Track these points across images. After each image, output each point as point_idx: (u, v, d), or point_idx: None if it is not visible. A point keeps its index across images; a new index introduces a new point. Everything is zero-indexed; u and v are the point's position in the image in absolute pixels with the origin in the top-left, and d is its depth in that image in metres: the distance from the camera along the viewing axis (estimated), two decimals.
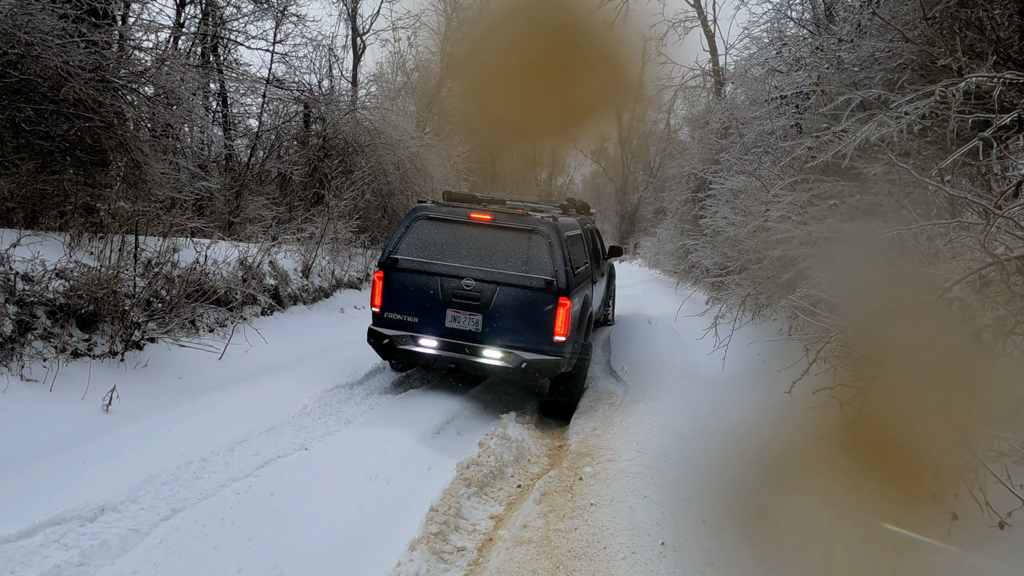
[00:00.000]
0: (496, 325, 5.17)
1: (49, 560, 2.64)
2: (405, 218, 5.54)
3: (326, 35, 19.67)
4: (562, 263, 5.13)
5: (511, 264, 5.19)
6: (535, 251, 5.19)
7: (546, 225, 5.26)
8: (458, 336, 5.25)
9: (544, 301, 5.10)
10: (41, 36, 5.51)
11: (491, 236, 5.29)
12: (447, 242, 5.34)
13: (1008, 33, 3.83)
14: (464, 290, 5.20)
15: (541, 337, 5.13)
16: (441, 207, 5.53)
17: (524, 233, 5.26)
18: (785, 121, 5.79)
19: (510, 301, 5.13)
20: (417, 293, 5.31)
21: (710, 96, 15.87)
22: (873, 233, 3.55)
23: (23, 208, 5.72)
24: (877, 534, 1.90)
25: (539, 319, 5.10)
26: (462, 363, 5.26)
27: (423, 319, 5.31)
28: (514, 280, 5.14)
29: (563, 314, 5.07)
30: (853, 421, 2.21)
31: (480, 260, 5.24)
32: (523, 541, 3.13)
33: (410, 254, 5.39)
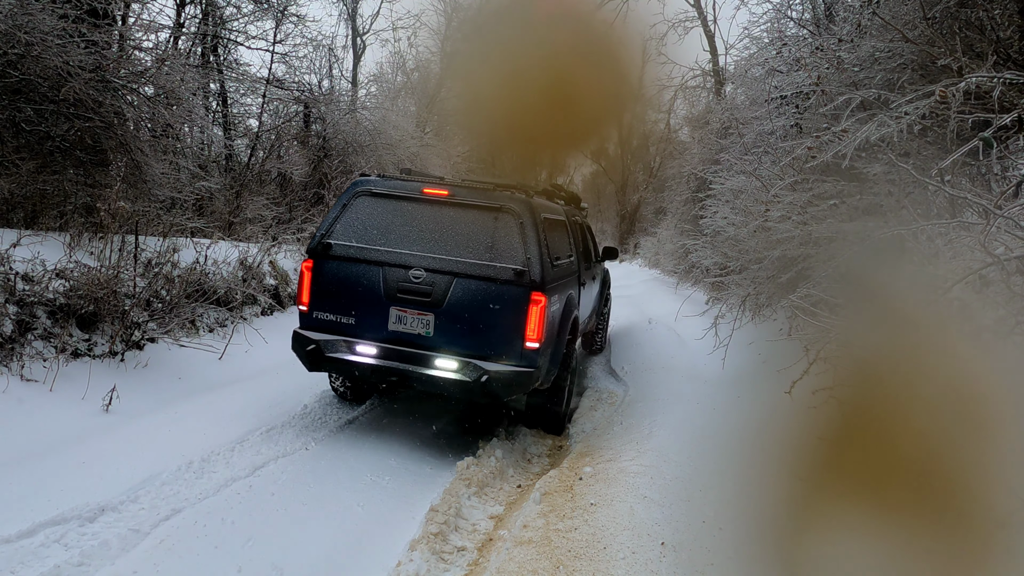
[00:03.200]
0: (452, 328, 4.15)
1: (49, 560, 2.64)
2: (343, 194, 4.50)
3: (326, 35, 19.70)
4: (537, 250, 4.11)
5: (472, 251, 4.16)
6: (503, 234, 4.17)
7: (518, 203, 4.23)
8: (404, 341, 4.21)
9: (513, 297, 4.07)
10: (41, 36, 5.51)
11: (448, 216, 4.26)
12: (393, 224, 4.31)
13: (1008, 33, 3.83)
14: (412, 283, 4.17)
15: (508, 343, 4.10)
16: (388, 180, 4.51)
17: (490, 212, 4.23)
18: (785, 121, 5.79)
19: (470, 297, 4.10)
20: (354, 287, 4.27)
21: (710, 96, 15.87)
22: (873, 233, 3.55)
23: (23, 208, 5.72)
24: (877, 534, 1.90)
25: (506, 320, 4.09)
26: (408, 376, 4.15)
27: (361, 320, 4.27)
28: (475, 270, 4.11)
29: (536, 314, 4.07)
30: (853, 420, 2.21)
31: (434, 246, 4.21)
32: (523, 541, 3.13)
33: (347, 239, 4.33)
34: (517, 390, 4.16)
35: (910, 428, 1.91)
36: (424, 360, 4.17)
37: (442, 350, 4.16)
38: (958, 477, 1.80)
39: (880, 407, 2.03)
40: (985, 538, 1.75)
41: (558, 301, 4.55)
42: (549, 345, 4.35)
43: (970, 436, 1.82)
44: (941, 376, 1.96)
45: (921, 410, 1.91)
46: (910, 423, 1.92)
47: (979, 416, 1.85)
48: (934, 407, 1.90)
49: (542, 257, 4.16)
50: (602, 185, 37.21)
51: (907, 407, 1.94)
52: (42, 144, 5.88)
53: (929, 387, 1.94)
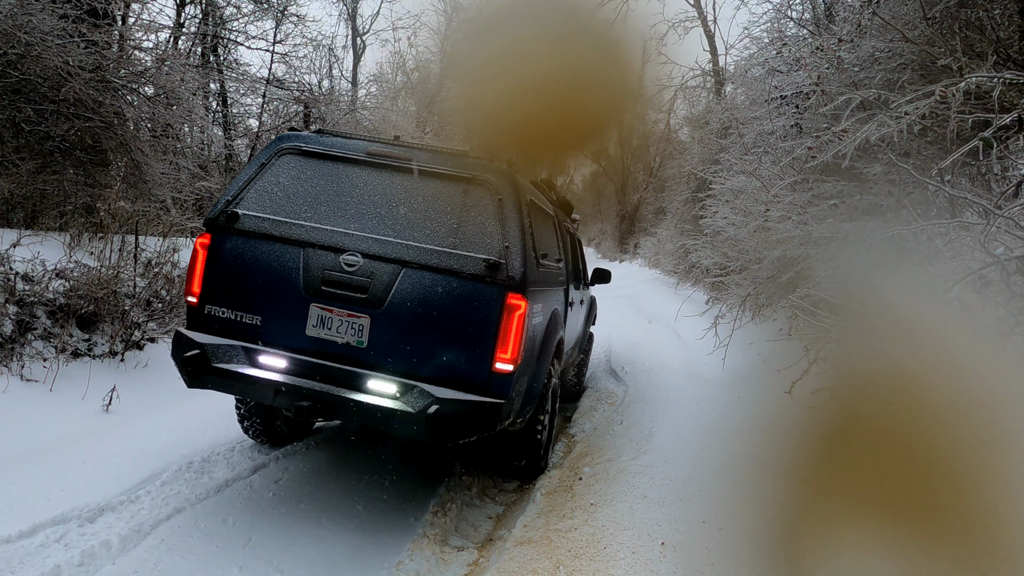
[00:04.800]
0: (394, 337, 3.06)
1: (49, 560, 2.64)
2: (263, 151, 3.44)
3: (326, 35, 19.71)
4: (519, 238, 3.11)
5: (431, 233, 3.12)
6: (475, 214, 3.16)
7: (497, 174, 3.23)
8: (326, 353, 3.10)
9: (481, 299, 3.03)
10: (41, 36, 5.51)
11: (402, 187, 3.24)
12: (326, 193, 3.27)
13: (1008, 33, 3.83)
14: (344, 272, 3.08)
15: (471, 362, 3.04)
16: (324, 137, 3.44)
17: (458, 184, 3.21)
18: (785, 121, 5.79)
19: (422, 296, 3.03)
20: (263, 275, 3.16)
21: (710, 96, 15.88)
22: (873, 233, 3.56)
23: (23, 208, 5.72)
24: (878, 535, 1.90)
25: (470, 330, 3.04)
26: (327, 402, 3.01)
27: (269, 320, 3.17)
28: (433, 259, 3.05)
29: (513, 324, 3.01)
30: (853, 421, 2.22)
31: (378, 224, 3.16)
32: (523, 541, 3.13)
33: (261, 208, 3.24)
34: (478, 429, 3.01)
35: (910, 429, 1.91)
36: (352, 380, 3.04)
37: (379, 367, 3.06)
38: (958, 477, 1.80)
39: (880, 407, 2.04)
40: (987, 539, 1.76)
41: (541, 312, 3.51)
42: (527, 370, 3.30)
43: (970, 436, 1.83)
44: (941, 376, 1.97)
45: (921, 411, 1.91)
46: (910, 424, 1.92)
47: (979, 416, 1.85)
48: (934, 407, 1.90)
49: (525, 249, 3.12)
50: (602, 185, 37.21)
51: (907, 407, 1.94)
52: (42, 144, 5.88)
53: (929, 387, 1.94)
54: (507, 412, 3.10)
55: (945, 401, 1.92)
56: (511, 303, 3.03)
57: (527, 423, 3.63)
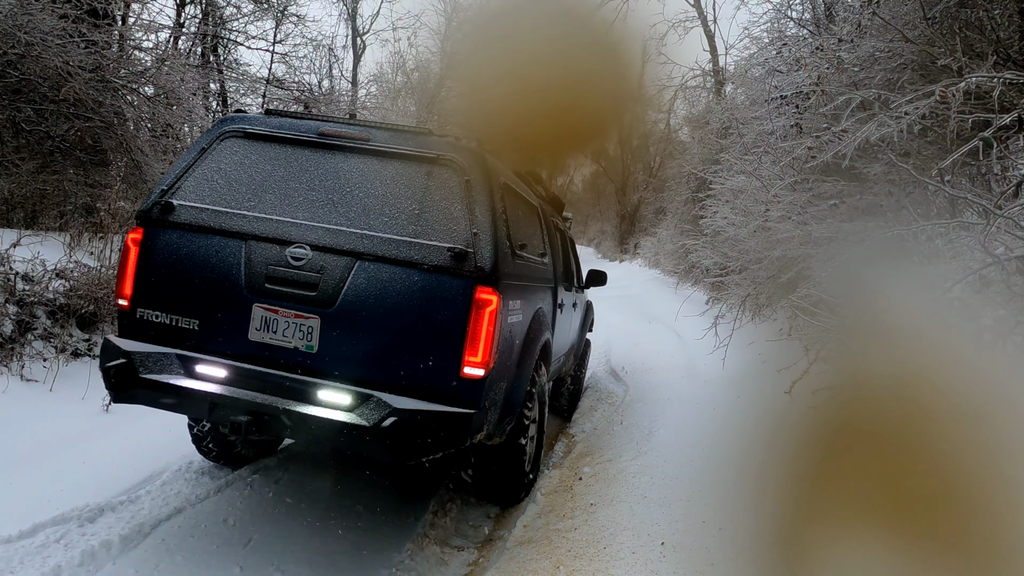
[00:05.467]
0: (348, 339, 2.73)
1: (50, 560, 2.64)
2: (204, 135, 3.15)
3: (326, 35, 19.71)
4: (490, 224, 2.78)
5: (389, 221, 2.79)
6: (439, 198, 2.84)
7: (464, 154, 2.90)
8: (272, 360, 2.76)
9: (446, 293, 2.70)
10: (41, 36, 5.51)
11: (358, 170, 2.93)
12: (273, 180, 2.95)
13: (1008, 33, 3.83)
14: (290, 267, 2.76)
15: (435, 366, 2.70)
16: (271, 118, 3.13)
17: (421, 165, 2.89)
18: (785, 121, 5.79)
19: (379, 292, 2.71)
20: (201, 272, 2.84)
21: (710, 96, 15.88)
22: (873, 233, 3.56)
23: (23, 208, 5.72)
24: (878, 535, 1.90)
25: (434, 329, 2.70)
26: (269, 416, 2.66)
27: (208, 324, 2.84)
28: (390, 250, 2.72)
29: (484, 321, 2.69)
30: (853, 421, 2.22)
31: (329, 212, 2.84)
32: (523, 541, 3.13)
33: (199, 198, 2.92)
34: (444, 444, 2.63)
35: (910, 428, 1.91)
36: (300, 390, 2.69)
37: (331, 375, 2.72)
38: (958, 477, 1.80)
39: (880, 407, 2.04)
40: (987, 539, 1.76)
41: (521, 310, 3.15)
42: (504, 376, 2.96)
43: (970, 436, 1.83)
44: (941, 376, 1.97)
45: (921, 410, 1.91)
46: (910, 423, 1.92)
47: (979, 416, 1.85)
48: (934, 407, 1.90)
49: (497, 236, 2.78)
50: (602, 185, 37.20)
51: (907, 407, 1.94)
52: (42, 144, 5.88)
53: (929, 387, 1.94)
54: (479, 424, 2.71)
55: (945, 401, 1.92)
56: (480, 298, 2.67)
57: (507, 438, 3.21)
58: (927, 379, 1.98)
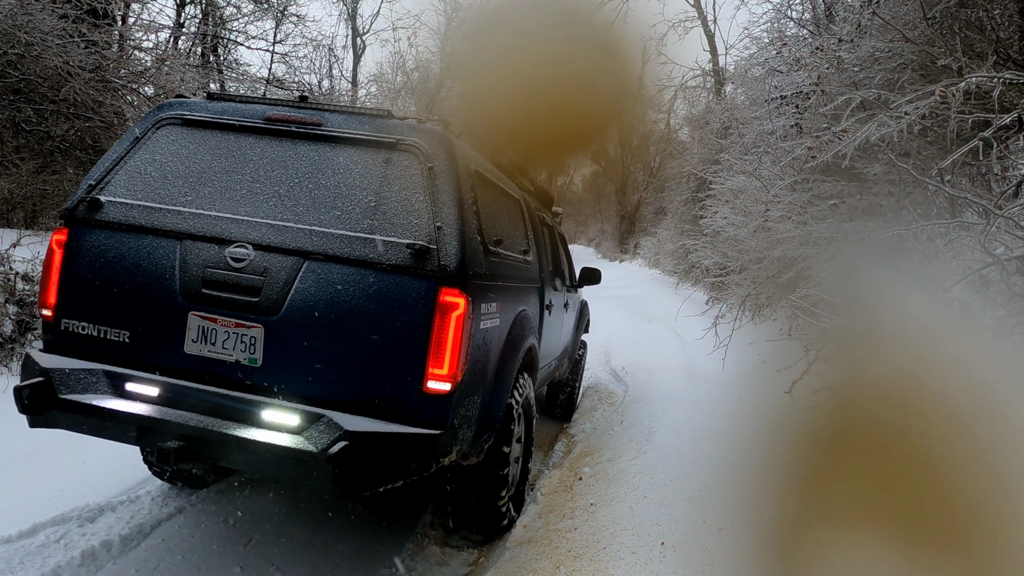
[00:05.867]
0: (296, 350, 2.41)
1: (50, 560, 2.64)
2: (139, 123, 2.81)
3: (326, 35, 19.73)
4: (455, 217, 2.47)
5: (341, 215, 2.49)
6: (398, 189, 2.52)
7: (428, 137, 2.59)
8: (210, 375, 2.46)
9: (405, 296, 2.39)
10: (41, 36, 5.51)
11: (309, 159, 2.62)
12: (214, 172, 2.64)
13: (1008, 33, 3.84)
14: (230, 269, 2.46)
15: (394, 380, 2.38)
16: (213, 103, 2.81)
17: (379, 151, 2.58)
18: (785, 121, 5.80)
19: (329, 295, 2.41)
20: (131, 277, 2.53)
21: (710, 96, 15.89)
22: (873, 233, 3.56)
23: (23, 208, 5.73)
24: (878, 535, 1.91)
25: (391, 338, 2.38)
26: (203, 442, 2.33)
27: (139, 335, 2.52)
28: (342, 248, 2.43)
29: (451, 328, 2.38)
30: (853, 421, 2.22)
31: (274, 207, 2.53)
32: (523, 541, 3.13)
33: (131, 194, 2.61)
34: (406, 470, 2.33)
35: (910, 428, 1.92)
36: (241, 410, 2.37)
37: (277, 392, 2.41)
38: (958, 477, 1.80)
39: (880, 407, 2.04)
40: (987, 538, 1.76)
41: (498, 313, 2.84)
42: (478, 388, 2.65)
43: (970, 435, 1.83)
44: (941, 376, 1.97)
45: (921, 410, 1.91)
46: (910, 423, 1.92)
47: (979, 416, 1.85)
48: (934, 407, 1.90)
49: (465, 231, 2.47)
50: (602, 185, 37.23)
51: (907, 407, 1.94)
52: (42, 144, 5.89)
53: (929, 387, 1.94)
54: (447, 445, 2.41)
55: (945, 401, 1.92)
56: (445, 301, 2.36)
57: (487, 456, 2.88)
58: (927, 379, 1.99)
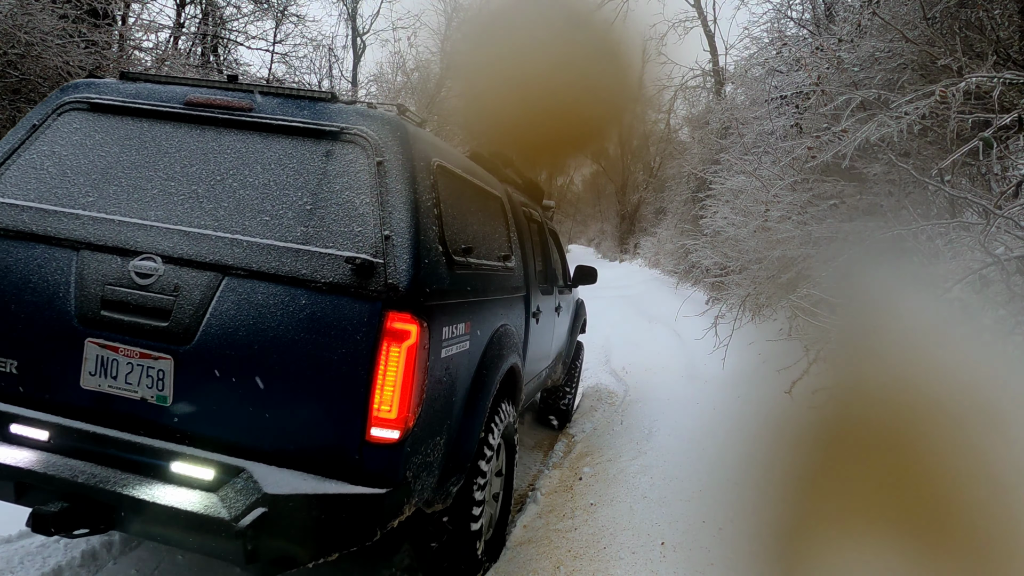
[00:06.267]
0: (213, 387, 2.00)
1: (50, 560, 2.64)
2: (36, 108, 2.37)
3: (326, 35, 19.74)
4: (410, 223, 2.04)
5: (270, 219, 2.08)
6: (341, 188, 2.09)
7: (377, 124, 2.15)
8: (111, 415, 2.05)
9: (344, 323, 1.97)
10: (41, 36, 5.52)
11: (233, 151, 2.19)
12: (122, 166, 2.21)
13: (1008, 33, 3.83)
14: (135, 286, 2.05)
15: (330, 426, 1.96)
16: (127, 83, 2.36)
17: (319, 142, 2.16)
18: (785, 121, 5.80)
19: (253, 320, 1.99)
20: (18, 294, 2.12)
21: (710, 96, 15.89)
22: (873, 233, 3.56)
23: None
24: (877, 536, 1.91)
25: (327, 374, 1.96)
26: (93, 504, 1.91)
27: (28, 364, 2.11)
28: (269, 261, 2.02)
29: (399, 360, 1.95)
30: (852, 421, 2.22)
31: (191, 209, 2.12)
32: (523, 541, 3.13)
33: (22, 193, 2.21)
34: (342, 542, 1.91)
35: (910, 428, 1.91)
36: (145, 462, 1.97)
37: (188, 437, 1.98)
38: (958, 477, 1.80)
39: (880, 407, 2.04)
40: (987, 538, 1.76)
41: (467, 335, 2.40)
42: (440, 426, 2.20)
43: (970, 435, 1.83)
44: (941, 376, 1.97)
45: (921, 410, 1.91)
46: (910, 423, 1.92)
47: (979, 416, 1.85)
48: (934, 407, 1.90)
49: (421, 240, 2.04)
50: (602, 185, 37.23)
51: (907, 407, 1.94)
52: None
53: (929, 387, 1.94)
54: (397, 504, 1.97)
55: (944, 401, 1.93)
56: (394, 328, 1.91)
57: (456, 500, 2.48)
58: (927, 379, 1.99)
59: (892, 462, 1.92)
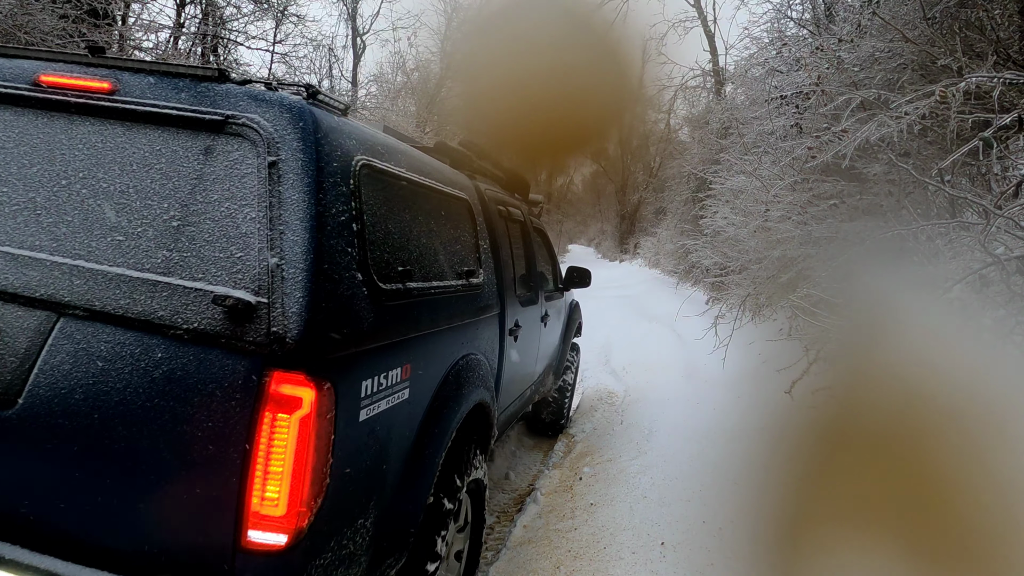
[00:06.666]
0: (38, 466, 1.48)
1: None
2: None
3: (326, 35, 19.74)
4: (308, 247, 1.48)
5: (122, 241, 1.54)
6: (217, 199, 1.53)
7: (273, 112, 1.58)
8: None
9: (208, 386, 1.44)
10: (41, 36, 5.52)
11: (85, 147, 1.63)
12: None
13: (1008, 33, 3.83)
14: None
15: (192, 522, 1.43)
16: None
17: (196, 135, 1.59)
18: (785, 121, 5.80)
19: (94, 377, 1.47)
20: None
21: (710, 96, 15.89)
22: (873, 233, 3.56)
23: None
24: (876, 537, 1.90)
25: (188, 453, 1.43)
26: None
27: None
28: (116, 298, 1.49)
29: (289, 438, 1.41)
30: (852, 421, 2.22)
31: (19, 226, 1.59)
32: (523, 541, 3.13)
33: None
34: None
35: (910, 428, 1.91)
36: None
37: (8, 535, 1.51)
38: (958, 477, 1.80)
39: (880, 407, 2.04)
40: (987, 538, 1.76)
41: (406, 382, 1.90)
42: (363, 506, 1.72)
43: (970, 436, 1.83)
44: (941, 376, 1.97)
45: (921, 410, 1.91)
46: (910, 423, 1.92)
47: (979, 416, 1.85)
48: (934, 407, 1.90)
49: (323, 266, 1.53)
50: (602, 185, 37.24)
51: (907, 407, 1.94)
52: None
53: (929, 387, 1.94)
54: None
55: (944, 401, 1.93)
56: (279, 394, 1.43)
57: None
58: (927, 379, 1.99)
59: (892, 462, 1.92)
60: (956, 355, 2.13)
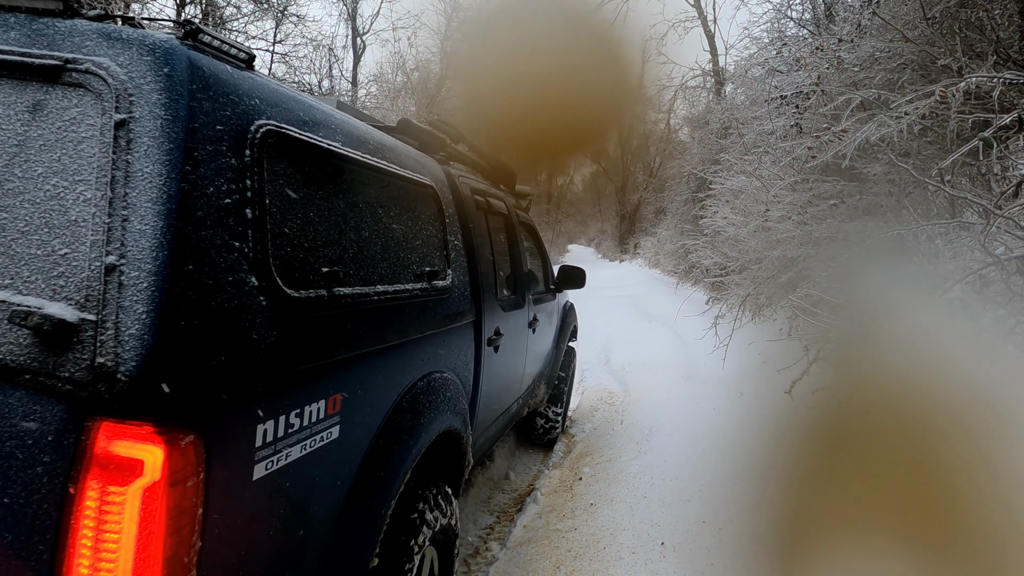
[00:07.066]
0: None
1: None
2: None
3: (326, 35, 19.74)
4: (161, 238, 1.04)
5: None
6: (42, 172, 1.09)
7: (126, 54, 1.12)
8: None
9: (12, 441, 1.00)
10: None
11: None
12: None
13: (1008, 33, 3.83)
14: None
15: None
16: None
17: (22, 87, 1.14)
18: (785, 121, 5.80)
19: None
20: None
21: (710, 96, 15.90)
22: (873, 233, 3.56)
23: None
24: (876, 537, 1.91)
25: None
26: None
27: None
28: None
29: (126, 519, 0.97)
30: (852, 421, 2.22)
31: None
32: (523, 541, 3.13)
33: None
34: None
35: (910, 428, 1.92)
36: None
37: None
38: (958, 477, 1.80)
39: (880, 407, 2.04)
40: (987, 539, 1.76)
41: (333, 421, 1.49)
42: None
43: (970, 436, 1.83)
44: (941, 376, 1.97)
45: (921, 410, 1.91)
46: (910, 423, 1.92)
47: (979, 416, 1.85)
48: (934, 407, 1.90)
49: (185, 267, 1.07)
50: (602, 185, 37.25)
51: (907, 407, 1.94)
52: None
53: (929, 387, 1.94)
54: None
55: (945, 401, 1.93)
56: (109, 454, 1.02)
57: None
58: (927, 379, 1.99)
59: (892, 462, 1.92)
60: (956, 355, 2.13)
